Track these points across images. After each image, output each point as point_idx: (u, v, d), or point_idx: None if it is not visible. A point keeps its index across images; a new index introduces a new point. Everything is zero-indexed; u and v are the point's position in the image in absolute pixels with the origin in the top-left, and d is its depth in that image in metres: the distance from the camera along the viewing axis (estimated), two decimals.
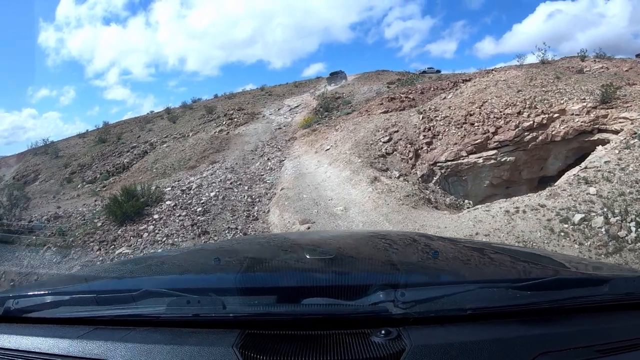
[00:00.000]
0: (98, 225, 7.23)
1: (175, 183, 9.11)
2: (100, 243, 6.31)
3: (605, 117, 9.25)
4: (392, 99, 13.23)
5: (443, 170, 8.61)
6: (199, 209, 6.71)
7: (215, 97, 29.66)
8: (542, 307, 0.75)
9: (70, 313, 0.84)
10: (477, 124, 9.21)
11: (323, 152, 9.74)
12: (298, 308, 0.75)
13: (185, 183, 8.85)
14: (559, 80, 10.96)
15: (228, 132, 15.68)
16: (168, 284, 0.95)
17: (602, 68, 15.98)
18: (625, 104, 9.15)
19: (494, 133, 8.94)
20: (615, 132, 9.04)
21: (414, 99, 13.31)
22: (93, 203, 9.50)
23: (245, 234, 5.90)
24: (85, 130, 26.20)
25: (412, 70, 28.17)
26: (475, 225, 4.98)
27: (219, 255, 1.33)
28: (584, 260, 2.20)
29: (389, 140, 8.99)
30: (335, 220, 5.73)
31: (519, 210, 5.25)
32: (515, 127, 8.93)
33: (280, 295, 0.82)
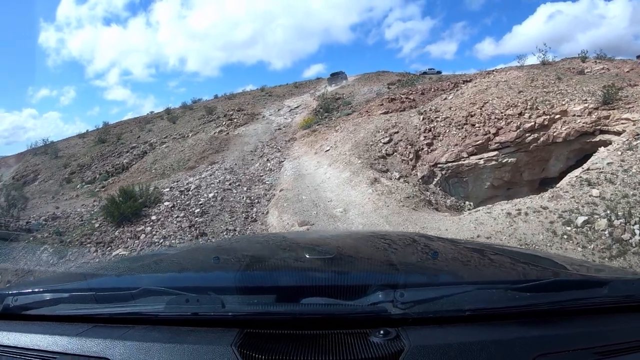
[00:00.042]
0: (95, 227, 7.17)
1: (174, 184, 9.05)
2: (97, 244, 6.25)
3: (607, 118, 9.18)
4: (392, 100, 13.18)
5: (444, 172, 8.54)
6: (197, 210, 6.64)
7: (216, 97, 29.66)
8: (541, 308, 0.74)
9: (70, 310, 0.84)
10: (478, 125, 9.14)
11: (323, 153, 9.68)
12: (297, 307, 0.74)
13: (184, 184, 8.78)
14: (560, 81, 10.90)
15: (228, 132, 15.63)
16: (167, 283, 0.96)
17: (603, 69, 15.93)
18: (627, 105, 9.09)
19: (495, 134, 8.87)
20: (617, 133, 8.97)
21: (415, 100, 13.26)
22: (91, 204, 9.45)
23: None
24: (85, 131, 26.17)
25: (412, 71, 28.14)
26: (477, 228, 4.91)
27: (218, 254, 1.32)
28: (585, 262, 2.18)
29: (389, 141, 8.93)
30: (335, 222, 5.67)
31: (521, 213, 5.18)
32: (517, 128, 8.86)
33: (280, 295, 0.82)
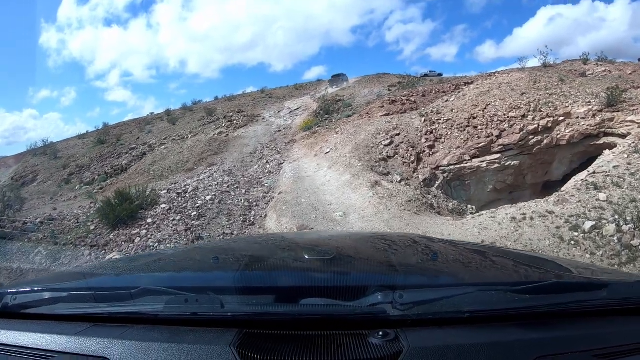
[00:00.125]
0: (91, 229, 7.03)
1: (172, 186, 8.92)
2: (92, 247, 6.12)
3: (612, 120, 9.05)
4: (393, 102, 13.08)
5: (446, 175, 8.39)
6: (194, 213, 6.50)
7: (216, 99, 29.61)
8: (540, 310, 0.74)
9: (69, 310, 0.84)
10: (480, 127, 9.00)
11: (323, 155, 9.55)
12: (296, 308, 0.74)
13: (182, 186, 8.65)
14: (564, 83, 10.78)
15: (227, 134, 15.53)
16: (166, 282, 0.95)
17: (604, 71, 15.85)
18: (632, 107, 8.96)
19: (498, 136, 8.73)
20: (622, 136, 8.84)
21: (416, 102, 13.15)
22: (88, 205, 9.32)
23: None
24: (85, 132, 26.08)
25: (412, 74, 28.05)
26: (481, 233, 4.76)
27: (218, 254, 1.32)
28: (591, 266, 2.14)
29: (390, 144, 8.79)
30: (335, 227, 5.52)
31: (526, 217, 5.03)
32: (520, 130, 8.72)
33: (279, 295, 0.81)
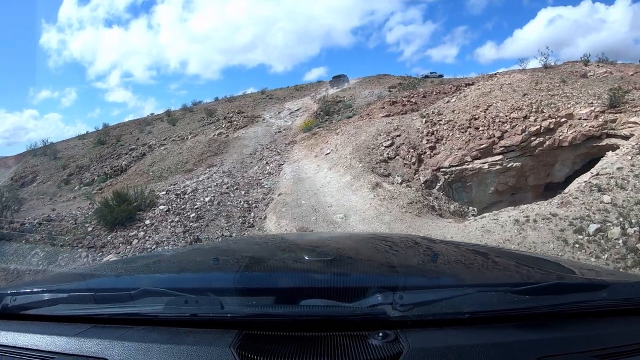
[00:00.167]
0: (88, 230, 6.96)
1: (171, 187, 8.84)
2: (89, 249, 6.04)
3: (614, 121, 8.98)
4: (394, 103, 13.02)
5: (447, 176, 8.31)
6: (193, 215, 6.42)
7: (216, 100, 29.53)
8: (540, 311, 0.74)
9: (68, 311, 0.84)
10: (482, 129, 8.93)
11: (323, 156, 9.48)
12: (296, 309, 0.74)
13: (181, 187, 8.57)
14: (565, 84, 10.71)
15: (227, 135, 15.46)
16: (166, 283, 0.95)
17: (605, 72, 15.76)
18: (634, 108, 8.89)
19: (500, 138, 8.66)
20: (625, 137, 8.76)
21: (416, 103, 13.09)
22: (87, 206, 9.24)
23: None
24: (85, 132, 26.01)
25: (413, 75, 27.99)
26: (484, 236, 4.69)
27: (218, 255, 1.32)
28: (596, 268, 2.15)
29: (391, 145, 8.72)
30: (335, 229, 5.45)
31: (530, 220, 4.96)
32: (522, 131, 8.64)
33: (279, 296, 0.81)
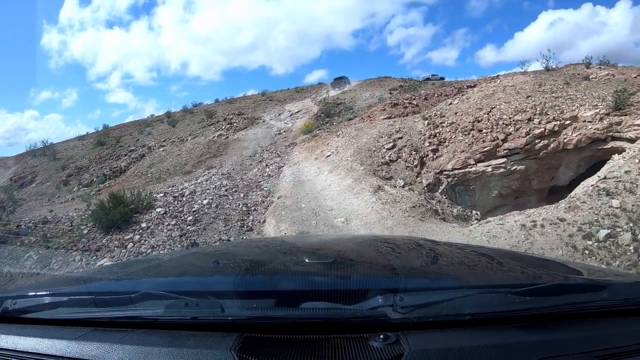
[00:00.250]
0: (84, 233, 6.81)
1: (169, 189, 8.71)
2: (83, 252, 5.90)
3: (619, 124, 8.84)
4: (395, 105, 12.90)
5: (450, 179, 8.17)
6: (190, 218, 6.27)
7: (216, 101, 29.45)
8: (541, 312, 0.74)
9: (69, 314, 0.83)
10: (485, 131, 8.79)
11: (324, 158, 9.34)
12: (296, 312, 0.74)
13: (179, 189, 8.43)
14: (569, 86, 10.59)
15: (227, 136, 15.35)
16: (166, 286, 0.95)
17: (607, 75, 15.65)
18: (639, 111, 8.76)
19: (504, 140, 8.51)
20: (630, 140, 8.63)
21: (418, 105, 12.96)
22: (84, 208, 9.12)
23: None
24: (85, 133, 25.94)
25: (414, 77, 27.84)
26: (490, 241, 4.53)
27: (218, 258, 1.32)
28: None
29: (393, 147, 8.58)
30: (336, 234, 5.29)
31: (537, 225, 4.81)
32: (526, 134, 8.50)
33: (279, 299, 0.81)
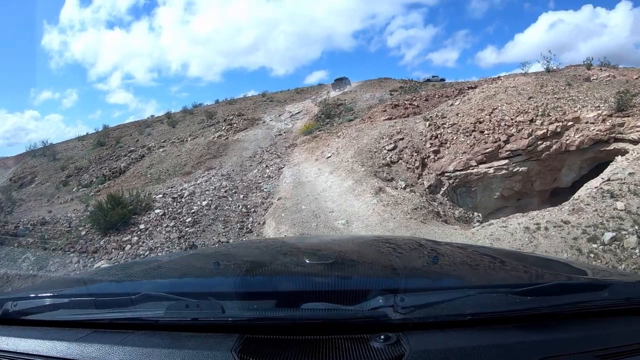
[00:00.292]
0: (82, 234, 6.74)
1: (168, 190, 8.64)
2: (81, 254, 5.82)
3: (622, 125, 8.78)
4: (395, 106, 12.85)
5: (451, 181, 8.10)
6: (189, 220, 6.20)
7: (216, 102, 29.42)
8: (541, 312, 0.73)
9: (69, 316, 0.83)
10: (487, 132, 8.72)
11: (324, 159, 9.27)
12: (297, 313, 0.74)
13: (178, 190, 8.36)
14: (571, 87, 10.53)
15: (227, 137, 15.29)
16: (167, 288, 0.95)
17: (609, 76, 15.61)
18: None
19: (506, 141, 8.45)
20: (633, 141, 8.56)
21: (419, 106, 12.91)
22: (83, 209, 9.05)
23: None
24: (85, 133, 25.92)
25: (414, 79, 27.79)
26: (493, 244, 4.46)
27: (218, 259, 1.31)
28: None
29: (394, 148, 8.51)
30: None
31: (540, 227, 4.73)
32: (529, 135, 8.44)
33: (280, 300, 0.81)
